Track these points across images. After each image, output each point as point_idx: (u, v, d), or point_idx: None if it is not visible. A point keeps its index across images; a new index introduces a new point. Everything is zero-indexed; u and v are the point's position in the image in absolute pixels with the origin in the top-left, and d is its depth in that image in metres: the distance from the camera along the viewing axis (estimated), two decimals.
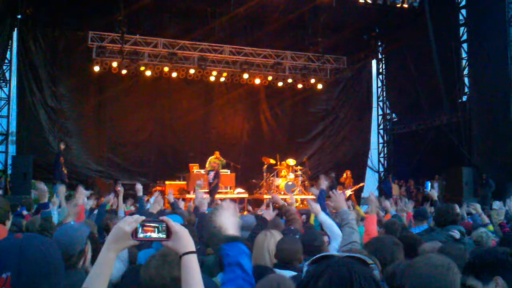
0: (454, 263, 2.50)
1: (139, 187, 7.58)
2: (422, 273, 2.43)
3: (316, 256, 1.58)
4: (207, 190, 15.26)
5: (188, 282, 1.87)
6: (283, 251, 3.71)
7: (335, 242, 4.65)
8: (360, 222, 7.21)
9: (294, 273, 3.47)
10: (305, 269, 1.59)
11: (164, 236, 1.88)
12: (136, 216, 1.89)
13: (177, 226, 1.90)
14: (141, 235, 1.85)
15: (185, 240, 1.90)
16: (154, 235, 1.87)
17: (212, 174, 16.29)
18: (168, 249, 1.94)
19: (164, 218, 1.92)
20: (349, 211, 4.44)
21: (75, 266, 2.93)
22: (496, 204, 8.18)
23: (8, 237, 1.84)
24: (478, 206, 8.07)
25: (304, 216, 8.31)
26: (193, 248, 1.91)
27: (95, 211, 7.84)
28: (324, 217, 4.96)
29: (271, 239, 3.93)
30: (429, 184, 18.20)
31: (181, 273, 1.89)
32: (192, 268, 1.88)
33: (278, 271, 3.54)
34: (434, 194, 6.94)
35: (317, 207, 5.15)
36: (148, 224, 1.87)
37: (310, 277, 1.48)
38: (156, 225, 1.88)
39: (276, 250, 3.78)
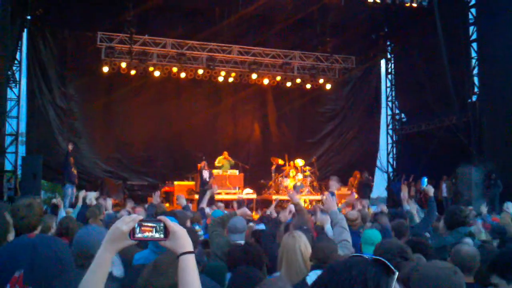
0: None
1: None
2: (429, 276, 2.43)
3: (353, 254, 1.56)
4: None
5: (185, 282, 1.85)
6: (322, 251, 3.65)
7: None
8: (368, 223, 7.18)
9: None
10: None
11: (162, 235, 1.85)
12: (134, 216, 1.87)
13: (175, 226, 1.88)
14: (139, 235, 1.82)
15: (183, 240, 1.88)
16: (152, 235, 1.85)
17: (207, 173, 16.21)
18: (166, 249, 1.91)
19: (162, 217, 1.90)
20: (339, 212, 4.54)
21: None
22: (507, 206, 8.11)
23: (22, 237, 1.85)
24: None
25: (312, 218, 8.29)
26: (191, 248, 1.89)
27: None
28: (330, 227, 4.96)
29: (301, 240, 3.88)
30: (425, 180, 18.08)
31: (178, 273, 1.86)
32: (189, 268, 1.86)
33: (318, 272, 3.49)
34: (431, 190, 6.82)
35: (324, 217, 5.14)
36: (145, 223, 1.84)
37: (329, 275, 1.46)
38: (154, 224, 1.85)
39: (313, 250, 3.73)
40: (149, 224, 1.85)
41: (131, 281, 3.03)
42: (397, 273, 1.44)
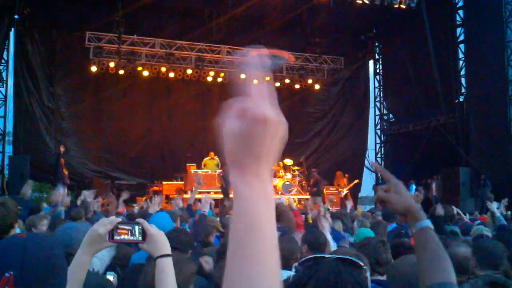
0: None
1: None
2: (404, 272, 2.46)
3: (306, 257, 1.56)
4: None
5: (161, 285, 1.87)
6: (282, 250, 3.66)
7: None
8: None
9: (292, 273, 3.47)
10: (293, 271, 1.57)
11: (140, 238, 1.88)
12: (112, 218, 1.90)
13: (152, 229, 1.91)
14: (116, 237, 1.86)
15: (161, 243, 1.91)
16: (129, 237, 1.88)
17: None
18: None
19: (140, 220, 1.93)
20: None
21: None
22: (492, 206, 8.21)
23: (12, 236, 1.84)
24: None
25: (303, 216, 8.32)
26: (169, 251, 1.91)
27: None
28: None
29: None
30: (414, 187, 18.24)
31: (155, 275, 1.89)
32: (166, 271, 1.89)
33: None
34: (420, 198, 7.06)
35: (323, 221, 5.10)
36: (122, 226, 1.87)
37: (298, 281, 1.47)
38: (130, 227, 1.88)
39: None
40: (126, 227, 1.88)
41: (130, 280, 3.06)
42: (365, 267, 1.49)
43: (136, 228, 1.88)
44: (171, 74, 19.30)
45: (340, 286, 1.40)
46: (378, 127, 24.23)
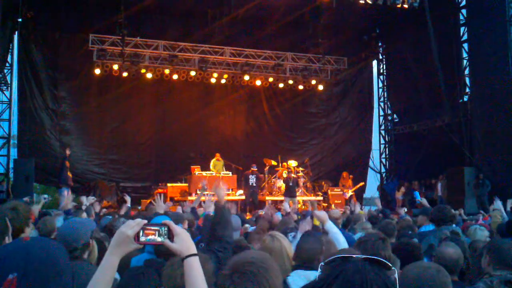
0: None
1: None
2: (414, 276, 2.44)
3: (336, 256, 1.55)
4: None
5: (192, 284, 1.89)
6: (306, 252, 3.62)
7: None
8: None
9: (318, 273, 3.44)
10: (319, 270, 1.56)
11: (166, 239, 1.90)
12: (138, 220, 1.92)
13: (178, 229, 1.93)
14: (143, 239, 1.88)
15: (188, 243, 1.93)
16: (155, 238, 1.90)
17: (254, 178, 17.19)
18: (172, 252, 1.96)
19: (166, 221, 1.95)
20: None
21: (79, 258, 3.03)
22: (498, 204, 8.19)
23: (16, 240, 1.86)
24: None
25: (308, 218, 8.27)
26: (195, 251, 1.93)
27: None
28: (330, 226, 4.91)
29: (285, 241, 3.88)
30: (418, 193, 18.25)
31: (185, 275, 1.91)
32: (195, 270, 1.90)
33: (300, 272, 3.46)
34: (425, 202, 7.01)
35: (323, 215, 5.09)
36: (149, 227, 1.90)
37: (323, 281, 1.45)
38: (157, 228, 1.90)
39: (297, 251, 3.71)
40: (153, 228, 1.91)
41: (127, 283, 3.06)
42: (394, 268, 1.48)
43: (163, 228, 1.91)
44: (175, 76, 19.32)
45: (365, 286, 1.39)
46: (382, 127, 24.20)
